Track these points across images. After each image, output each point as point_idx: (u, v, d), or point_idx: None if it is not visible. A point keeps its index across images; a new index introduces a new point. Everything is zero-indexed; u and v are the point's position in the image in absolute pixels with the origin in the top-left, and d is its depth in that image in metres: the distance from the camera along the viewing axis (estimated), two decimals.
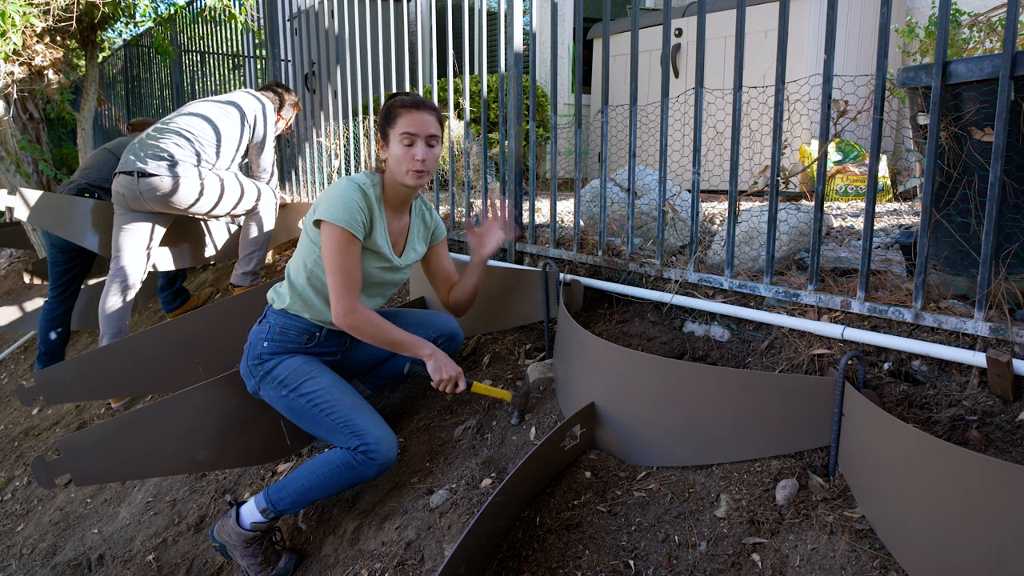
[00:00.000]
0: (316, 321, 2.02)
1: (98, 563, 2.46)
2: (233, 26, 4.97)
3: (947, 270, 1.63)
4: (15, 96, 5.23)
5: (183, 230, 3.61)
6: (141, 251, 3.22)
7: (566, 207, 3.47)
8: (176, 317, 3.13)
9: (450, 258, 2.27)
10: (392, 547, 1.77)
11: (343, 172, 3.86)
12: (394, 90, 3.24)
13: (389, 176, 1.99)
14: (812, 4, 4.08)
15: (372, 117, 3.45)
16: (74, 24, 4.56)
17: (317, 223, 1.91)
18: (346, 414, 1.90)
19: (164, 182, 3.02)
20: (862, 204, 3.56)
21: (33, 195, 3.36)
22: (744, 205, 2.17)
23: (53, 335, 3.79)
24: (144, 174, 3.01)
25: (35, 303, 4.66)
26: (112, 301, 3.20)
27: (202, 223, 3.71)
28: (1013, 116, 1.39)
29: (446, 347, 2.26)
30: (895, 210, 3.33)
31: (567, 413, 1.93)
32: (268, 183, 3.48)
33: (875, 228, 2.66)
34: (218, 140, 3.18)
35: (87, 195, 3.62)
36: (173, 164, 3.04)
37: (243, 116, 3.29)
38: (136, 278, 3.23)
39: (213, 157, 3.17)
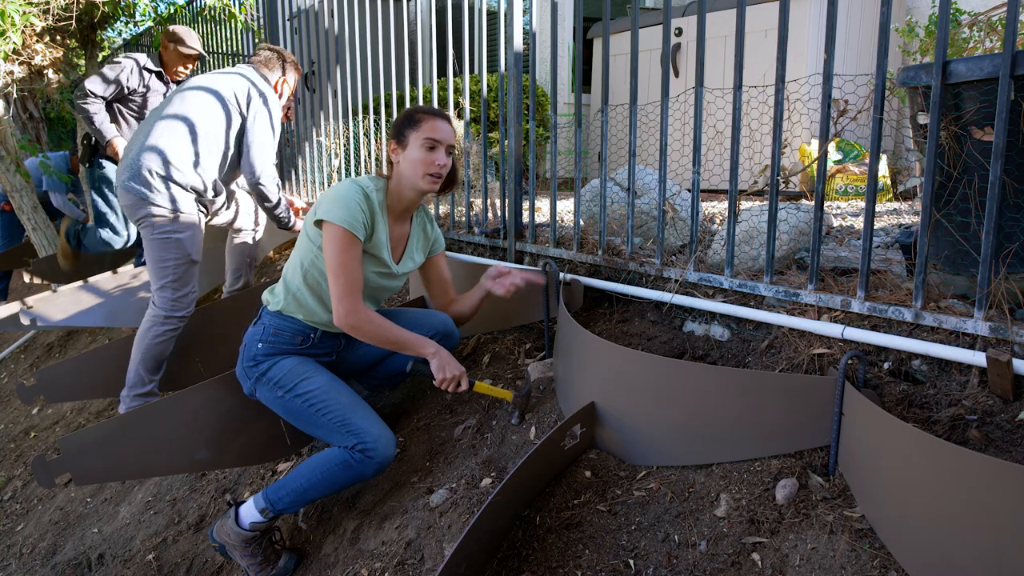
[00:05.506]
0: (310, 323, 2.02)
1: (98, 562, 2.46)
2: (233, 26, 4.97)
3: (947, 270, 1.63)
4: (15, 96, 5.23)
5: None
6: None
7: (566, 206, 3.47)
8: None
9: (447, 269, 2.27)
10: (392, 546, 1.77)
11: (343, 171, 3.86)
12: (394, 90, 3.24)
13: (396, 182, 1.98)
14: (812, 3, 4.08)
15: (372, 117, 3.45)
16: (74, 23, 4.55)
17: (318, 223, 1.91)
18: (343, 413, 1.90)
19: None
20: (862, 204, 3.56)
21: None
22: (744, 204, 2.17)
23: None
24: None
25: None
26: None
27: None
28: (1013, 115, 1.39)
29: (442, 345, 2.26)
30: (895, 209, 3.33)
31: (567, 412, 1.93)
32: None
33: (875, 228, 2.66)
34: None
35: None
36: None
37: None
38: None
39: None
